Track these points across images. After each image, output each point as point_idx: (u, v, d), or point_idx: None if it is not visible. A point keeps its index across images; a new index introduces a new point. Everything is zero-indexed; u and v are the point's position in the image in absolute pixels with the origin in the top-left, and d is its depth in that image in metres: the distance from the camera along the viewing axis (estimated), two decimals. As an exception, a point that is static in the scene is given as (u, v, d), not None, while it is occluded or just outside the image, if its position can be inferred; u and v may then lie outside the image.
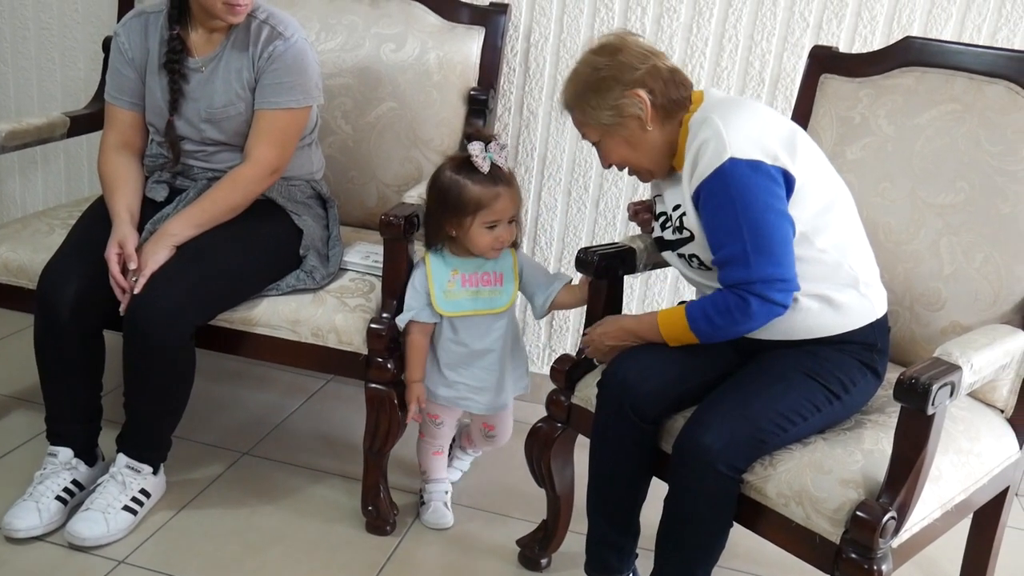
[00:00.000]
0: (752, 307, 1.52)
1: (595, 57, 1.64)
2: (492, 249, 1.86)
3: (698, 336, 1.59)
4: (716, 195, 1.53)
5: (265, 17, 1.94)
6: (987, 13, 2.17)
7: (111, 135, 2.03)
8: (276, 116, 1.94)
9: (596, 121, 1.64)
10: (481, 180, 1.81)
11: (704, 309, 1.57)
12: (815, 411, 1.55)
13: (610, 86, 1.60)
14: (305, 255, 2.00)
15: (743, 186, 1.51)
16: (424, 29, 2.28)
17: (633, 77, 1.60)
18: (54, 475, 1.91)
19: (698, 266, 1.65)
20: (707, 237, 1.58)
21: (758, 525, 1.54)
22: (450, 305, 1.89)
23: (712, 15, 2.29)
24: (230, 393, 2.55)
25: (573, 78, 1.67)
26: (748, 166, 1.51)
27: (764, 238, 1.51)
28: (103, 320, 1.89)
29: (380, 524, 2.02)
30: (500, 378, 1.95)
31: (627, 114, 1.60)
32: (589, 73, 1.63)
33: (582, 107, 1.65)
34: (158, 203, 1.99)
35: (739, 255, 1.51)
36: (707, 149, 1.53)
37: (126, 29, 1.99)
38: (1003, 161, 1.76)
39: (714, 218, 1.54)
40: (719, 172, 1.51)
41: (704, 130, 1.56)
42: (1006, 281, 1.73)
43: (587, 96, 1.63)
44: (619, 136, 1.64)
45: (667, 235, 1.70)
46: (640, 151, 1.65)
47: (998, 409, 1.77)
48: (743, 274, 1.51)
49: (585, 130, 1.68)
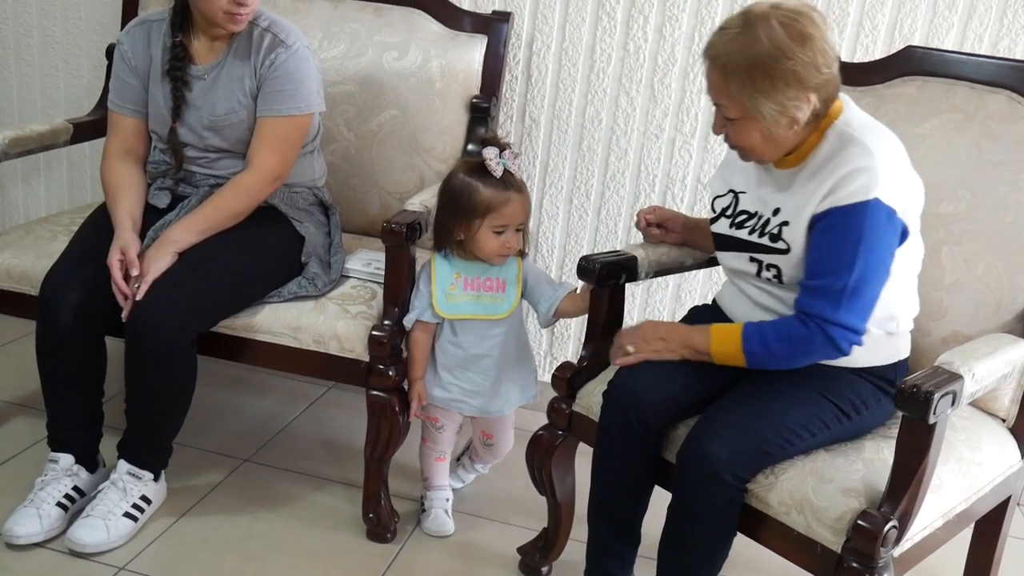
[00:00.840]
0: (816, 343, 1.49)
1: (785, 36, 1.44)
2: (498, 255, 1.86)
3: (748, 358, 1.53)
4: (846, 227, 1.46)
5: (267, 25, 1.95)
6: (988, 23, 2.17)
7: (114, 142, 2.03)
8: (278, 123, 1.94)
9: (751, 105, 1.48)
10: (493, 184, 1.82)
11: (763, 333, 1.53)
12: (824, 428, 1.53)
13: (789, 83, 1.45)
14: (307, 262, 2.00)
15: (875, 231, 1.46)
16: (427, 37, 2.29)
17: (815, 81, 1.46)
18: (55, 481, 1.91)
19: (773, 278, 1.58)
20: (808, 258, 1.51)
21: (759, 534, 1.53)
22: (450, 307, 1.89)
23: (714, 24, 2.29)
24: (231, 400, 2.55)
25: (748, 43, 1.45)
26: (886, 213, 1.47)
27: (865, 287, 1.48)
28: (105, 327, 1.89)
29: (381, 531, 2.02)
30: (495, 384, 1.95)
31: (788, 114, 1.48)
32: (772, 54, 1.44)
33: (742, 83, 1.46)
34: (160, 210, 1.99)
35: (835, 291, 1.46)
36: (857, 178, 1.46)
37: (129, 37, 2.00)
38: (1004, 170, 1.76)
39: (831, 247, 1.48)
40: (861, 206, 1.45)
41: (857, 155, 1.48)
42: (1008, 290, 1.73)
43: (756, 78, 1.45)
44: (762, 126, 1.50)
45: (746, 236, 1.61)
46: (771, 144, 1.53)
47: (1000, 418, 1.77)
48: (828, 311, 1.47)
49: (727, 101, 1.51)
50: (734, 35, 1.47)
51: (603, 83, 2.39)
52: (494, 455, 2.13)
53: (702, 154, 2.38)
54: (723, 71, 1.49)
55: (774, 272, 1.58)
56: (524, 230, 1.89)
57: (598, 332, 1.83)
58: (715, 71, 1.50)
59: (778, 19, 1.45)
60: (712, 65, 1.51)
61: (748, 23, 1.47)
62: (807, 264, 1.52)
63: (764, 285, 1.62)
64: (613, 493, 1.69)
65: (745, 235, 1.62)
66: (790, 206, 1.55)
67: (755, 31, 1.45)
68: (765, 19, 1.46)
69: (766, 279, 1.60)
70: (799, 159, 1.56)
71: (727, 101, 1.51)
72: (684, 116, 2.36)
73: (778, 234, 1.56)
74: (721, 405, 1.56)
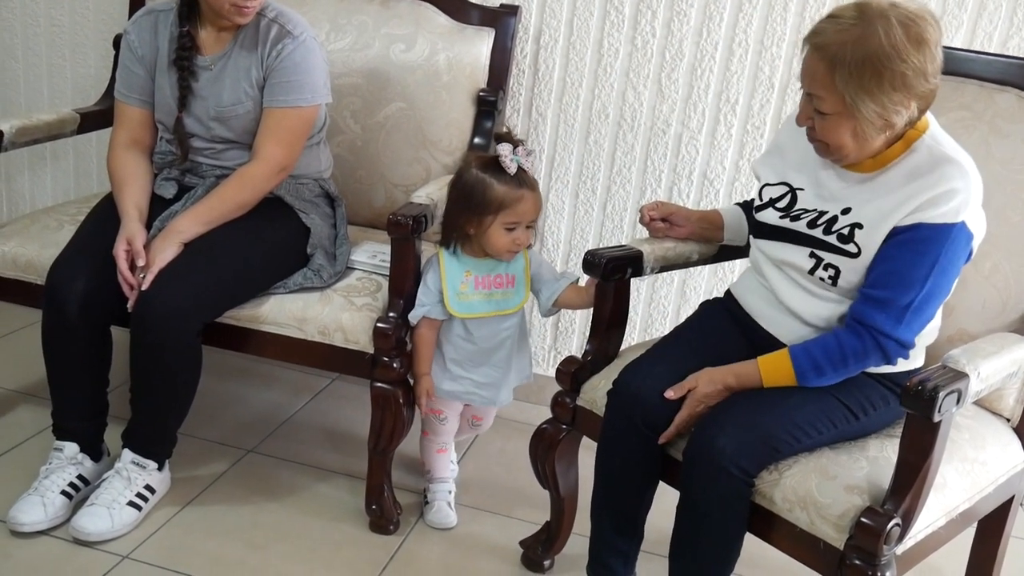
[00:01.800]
0: (870, 355, 1.49)
1: (903, 37, 1.38)
2: (508, 251, 1.86)
3: (801, 381, 1.52)
4: (928, 244, 1.45)
5: (274, 16, 1.95)
6: (998, 21, 2.16)
7: (120, 132, 2.03)
8: (285, 114, 1.94)
9: (852, 101, 1.42)
10: (506, 181, 1.81)
11: (813, 357, 1.50)
12: (831, 427, 1.53)
13: (896, 86, 1.40)
14: (312, 253, 2.00)
15: (952, 254, 1.46)
16: (434, 30, 2.29)
17: (921, 89, 1.42)
18: (59, 470, 1.92)
19: (828, 279, 1.54)
20: (877, 267, 1.49)
21: (763, 531, 1.53)
22: (463, 307, 1.89)
23: (722, 19, 2.29)
24: (236, 390, 2.55)
25: (863, 37, 1.39)
26: (967, 238, 1.47)
27: (928, 306, 1.48)
28: (111, 316, 1.89)
29: (384, 523, 2.02)
30: (506, 374, 1.96)
31: (886, 117, 1.43)
32: (887, 53, 1.38)
33: (849, 77, 1.41)
34: (167, 200, 1.99)
35: (900, 307, 1.45)
36: (953, 199, 1.44)
37: (136, 27, 2.00)
38: (1012, 169, 1.75)
39: (907, 261, 1.46)
40: (949, 228, 1.44)
41: (955, 175, 1.46)
42: (1014, 290, 1.72)
43: (864, 74, 1.40)
44: (855, 125, 1.45)
45: (806, 229, 1.57)
46: (858, 144, 1.48)
47: (1004, 418, 1.77)
48: (888, 325, 1.46)
49: (825, 94, 1.44)
50: (848, 26, 1.41)
51: (610, 78, 2.39)
52: (477, 432, 2.14)
53: (708, 150, 2.38)
54: (830, 62, 1.42)
55: (832, 272, 1.55)
56: (534, 227, 1.89)
57: (603, 327, 1.82)
58: (819, 61, 1.43)
59: (898, 18, 1.40)
60: (816, 54, 1.44)
61: (865, 17, 1.41)
62: (874, 273, 1.50)
63: (809, 283, 1.59)
64: (616, 489, 1.69)
65: (804, 228, 1.58)
66: (867, 210, 1.52)
67: (873, 26, 1.39)
68: (884, 16, 1.40)
69: (819, 278, 1.56)
70: (878, 165, 1.53)
71: (826, 94, 1.44)
72: (691, 112, 2.36)
73: (849, 235, 1.52)
74: (729, 402, 1.55)
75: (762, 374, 1.54)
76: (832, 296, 1.57)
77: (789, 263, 1.61)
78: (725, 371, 1.57)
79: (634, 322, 2.52)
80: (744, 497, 1.50)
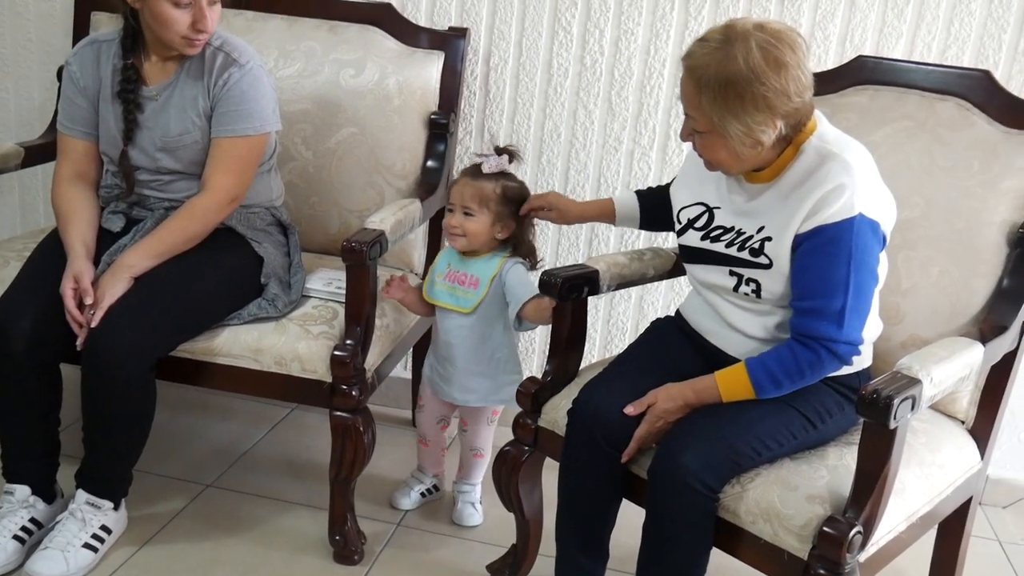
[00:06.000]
0: (826, 364, 1.50)
1: (761, 60, 1.42)
2: (449, 235, 2.02)
3: (760, 393, 1.53)
4: (835, 245, 1.47)
5: (220, 44, 1.93)
6: (936, 31, 2.21)
7: (65, 166, 2.00)
8: (233, 144, 1.92)
9: (719, 122, 1.47)
10: (466, 172, 2.02)
11: (770, 371, 1.52)
12: (791, 438, 1.54)
13: (759, 108, 1.45)
14: (266, 283, 1.98)
15: (863, 245, 1.47)
16: (383, 54, 2.28)
17: (784, 109, 1.46)
18: (11, 514, 1.86)
19: (751, 293, 1.58)
20: (798, 279, 1.51)
21: (728, 544, 1.54)
22: (432, 293, 2.06)
23: (669, 37, 2.31)
24: (192, 424, 2.51)
25: (724, 60, 1.43)
26: (871, 227, 1.49)
27: (863, 301, 1.49)
28: (60, 354, 1.85)
29: (348, 554, 1.99)
30: (461, 375, 2.05)
31: (753, 136, 1.48)
32: (745, 76, 1.43)
33: (713, 99, 1.45)
34: (115, 234, 1.96)
35: (835, 311, 1.47)
36: (841, 196, 1.47)
37: (78, 58, 1.97)
38: (956, 176, 1.79)
39: (823, 267, 1.48)
40: (847, 224, 1.46)
41: (838, 172, 1.48)
42: (963, 294, 1.76)
43: (727, 96, 1.44)
44: (727, 143, 1.49)
45: (723, 249, 1.60)
46: (736, 160, 1.52)
47: (959, 420, 1.80)
48: (832, 331, 1.48)
49: (696, 114, 1.50)
50: (713, 49, 1.46)
51: (561, 97, 2.40)
52: (468, 443, 2.18)
53: (660, 165, 2.40)
54: (696, 83, 1.47)
55: (753, 287, 1.58)
56: (473, 215, 1.97)
57: (562, 346, 1.82)
58: (689, 82, 1.49)
59: (758, 41, 1.44)
60: (687, 75, 1.49)
61: (728, 39, 1.45)
62: (798, 285, 1.52)
63: (739, 300, 1.62)
64: (580, 509, 1.69)
65: (722, 248, 1.61)
66: (772, 222, 1.55)
67: (733, 49, 1.44)
68: (745, 38, 1.44)
69: (743, 294, 1.59)
70: (774, 173, 1.56)
71: (697, 114, 1.50)
72: (642, 128, 2.38)
73: (760, 249, 1.56)
74: (690, 418, 1.55)
75: (720, 389, 1.55)
76: (763, 308, 1.60)
77: (714, 284, 1.64)
78: (684, 387, 1.58)
79: (593, 340, 2.53)
80: (710, 513, 1.51)
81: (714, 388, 1.55)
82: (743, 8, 2.27)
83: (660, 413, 1.56)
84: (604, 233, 2.46)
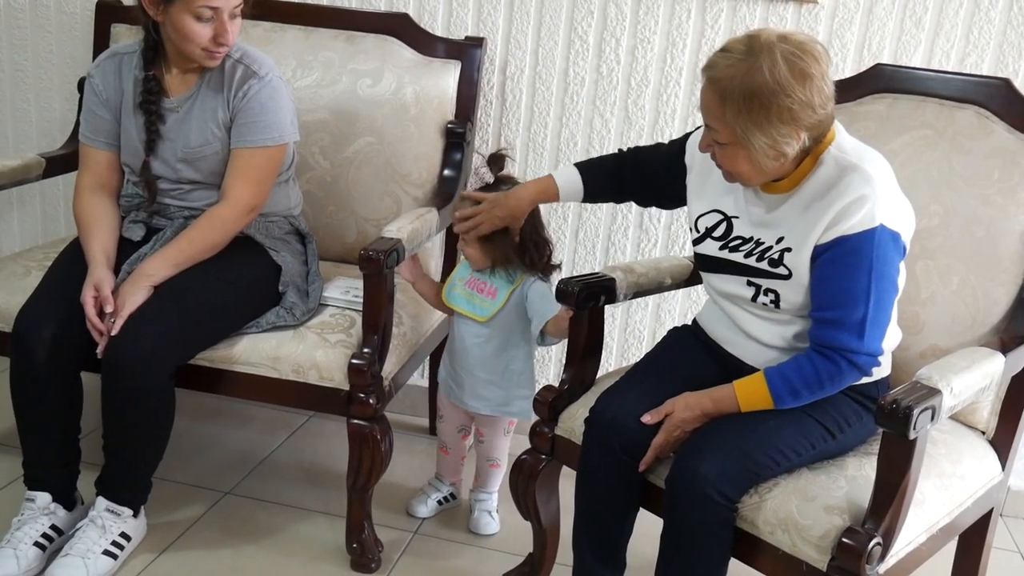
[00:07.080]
0: (845, 375, 1.50)
1: (787, 72, 1.41)
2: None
3: (779, 404, 1.52)
4: (855, 256, 1.47)
5: (239, 56, 1.95)
6: (955, 40, 2.20)
7: (86, 176, 2.02)
8: (252, 155, 1.94)
9: (742, 134, 1.46)
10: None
11: (789, 381, 1.51)
12: (810, 448, 1.54)
13: (784, 120, 1.43)
14: (284, 291, 1.99)
15: (884, 256, 1.47)
16: (400, 64, 2.29)
17: (809, 121, 1.45)
18: (32, 521, 1.88)
19: (770, 303, 1.57)
20: (818, 289, 1.51)
21: (746, 554, 1.53)
22: (451, 297, 2.08)
23: (686, 45, 2.31)
24: (210, 432, 2.52)
25: (749, 72, 1.42)
26: (891, 237, 1.49)
27: (883, 313, 1.49)
28: (80, 362, 1.87)
29: (365, 561, 2.00)
30: (473, 382, 2.06)
31: (777, 148, 1.46)
32: (771, 88, 1.41)
33: (738, 111, 1.44)
34: (135, 243, 1.98)
35: (855, 322, 1.47)
36: (862, 207, 1.46)
37: (100, 70, 1.99)
38: (975, 185, 1.78)
39: (844, 278, 1.48)
40: (868, 235, 1.46)
41: (858, 183, 1.47)
42: (983, 303, 1.74)
43: (752, 108, 1.43)
44: (750, 154, 1.48)
45: (742, 259, 1.60)
46: (758, 171, 1.51)
47: (979, 431, 1.78)
48: (852, 342, 1.48)
49: (719, 125, 1.48)
50: (736, 60, 1.44)
51: (577, 106, 2.41)
52: (484, 453, 2.18)
53: (677, 174, 2.39)
54: (720, 95, 1.46)
55: (772, 297, 1.57)
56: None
57: (579, 355, 1.82)
58: (712, 93, 1.47)
59: (783, 53, 1.42)
60: (710, 86, 1.48)
61: (752, 50, 1.43)
62: (818, 296, 1.52)
63: (756, 309, 1.61)
64: (597, 519, 1.68)
65: (741, 258, 1.61)
66: (792, 233, 1.54)
67: (758, 61, 1.42)
68: (770, 50, 1.42)
69: (762, 304, 1.59)
70: (792, 184, 1.55)
71: (719, 125, 1.49)
72: (658, 136, 2.38)
73: (779, 259, 1.55)
74: (709, 428, 1.55)
75: (739, 399, 1.54)
76: (782, 317, 1.59)
77: (732, 294, 1.64)
78: (702, 396, 1.57)
79: (610, 348, 2.52)
80: (728, 523, 1.50)
81: (732, 397, 1.55)
82: (759, 16, 2.27)
83: (678, 422, 1.56)
84: (621, 241, 2.47)
